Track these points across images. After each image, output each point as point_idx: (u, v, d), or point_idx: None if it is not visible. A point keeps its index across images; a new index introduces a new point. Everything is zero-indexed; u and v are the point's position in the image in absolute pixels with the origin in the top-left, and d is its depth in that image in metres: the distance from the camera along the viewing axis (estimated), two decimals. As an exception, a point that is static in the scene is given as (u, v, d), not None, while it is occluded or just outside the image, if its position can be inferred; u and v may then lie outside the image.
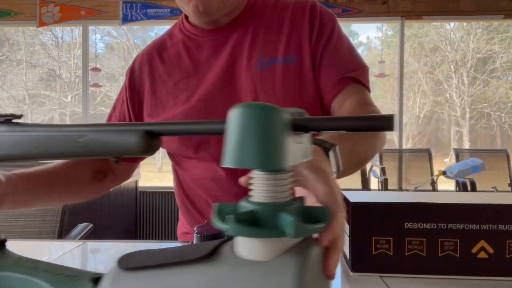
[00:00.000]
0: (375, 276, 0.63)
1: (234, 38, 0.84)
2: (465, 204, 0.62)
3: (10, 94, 6.06)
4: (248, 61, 0.81)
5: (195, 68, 0.85)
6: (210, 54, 0.85)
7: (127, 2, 3.98)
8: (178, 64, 0.87)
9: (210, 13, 0.80)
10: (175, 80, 0.86)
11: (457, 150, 4.02)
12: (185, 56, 0.87)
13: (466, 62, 6.22)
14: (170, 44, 0.91)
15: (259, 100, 0.79)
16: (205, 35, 0.86)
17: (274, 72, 0.80)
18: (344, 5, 3.93)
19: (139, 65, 0.92)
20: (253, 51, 0.82)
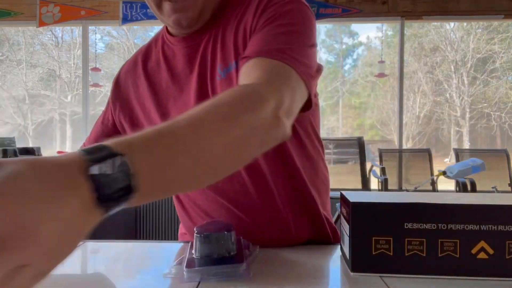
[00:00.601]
0: (375, 276, 0.63)
1: (202, 46, 0.78)
2: (465, 204, 0.62)
3: (10, 94, 6.06)
4: (211, 72, 0.77)
5: (173, 79, 0.82)
6: (184, 64, 0.80)
7: (127, 2, 3.98)
8: (158, 74, 0.84)
9: (193, 26, 0.77)
10: (156, 91, 0.84)
11: (457, 150, 4.02)
12: (164, 66, 0.83)
13: (466, 62, 6.22)
14: (154, 51, 0.87)
15: None
16: (178, 42, 0.81)
17: (231, 80, 0.74)
18: (344, 5, 3.93)
19: (125, 74, 0.90)
20: (215, 60, 0.76)
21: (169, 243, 0.91)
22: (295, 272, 0.66)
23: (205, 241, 0.65)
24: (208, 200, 0.83)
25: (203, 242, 0.65)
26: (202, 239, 0.66)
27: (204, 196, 0.83)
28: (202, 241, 0.66)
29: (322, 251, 0.79)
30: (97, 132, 0.95)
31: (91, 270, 0.73)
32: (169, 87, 0.82)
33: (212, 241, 0.65)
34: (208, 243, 0.65)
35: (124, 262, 0.77)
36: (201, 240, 0.66)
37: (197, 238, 0.66)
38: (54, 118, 6.35)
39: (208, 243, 0.65)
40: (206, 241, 0.65)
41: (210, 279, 0.62)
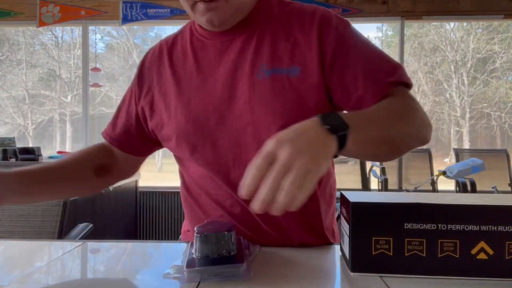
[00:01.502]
0: (375, 276, 0.63)
1: (239, 43, 0.82)
2: (465, 205, 0.62)
3: (10, 94, 6.06)
4: (250, 69, 0.79)
5: (199, 69, 0.84)
6: (214, 57, 0.84)
7: (127, 2, 3.98)
8: (184, 64, 0.87)
9: (224, 25, 0.80)
10: (179, 80, 0.86)
11: (457, 150, 4.02)
12: (191, 56, 0.86)
13: (466, 62, 6.22)
14: (180, 42, 0.90)
15: (255, 108, 0.78)
16: (211, 37, 0.85)
17: (275, 81, 0.78)
18: (344, 5, 3.93)
19: (150, 61, 0.92)
20: (256, 59, 0.80)
21: (169, 243, 0.91)
22: (295, 272, 0.66)
23: (205, 241, 0.65)
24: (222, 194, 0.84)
25: (203, 242, 0.65)
26: (202, 239, 0.66)
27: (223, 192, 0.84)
28: (202, 241, 0.66)
29: (322, 251, 0.79)
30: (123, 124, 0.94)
31: (91, 270, 0.73)
32: (192, 77, 0.84)
33: (212, 241, 0.65)
34: (208, 243, 0.65)
35: (124, 262, 0.77)
36: (201, 240, 0.66)
37: (197, 238, 0.66)
38: (54, 118, 6.35)
39: (208, 243, 0.65)
40: (206, 241, 0.65)
41: (210, 279, 0.62)
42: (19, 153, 2.61)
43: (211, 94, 0.82)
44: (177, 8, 3.99)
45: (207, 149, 0.82)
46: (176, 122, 0.84)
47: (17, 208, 1.46)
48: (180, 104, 0.84)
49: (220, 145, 0.81)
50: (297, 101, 0.77)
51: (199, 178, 0.87)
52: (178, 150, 0.87)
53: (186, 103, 0.84)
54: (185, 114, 0.83)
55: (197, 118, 0.82)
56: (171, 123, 0.85)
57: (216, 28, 0.81)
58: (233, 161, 0.81)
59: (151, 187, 4.19)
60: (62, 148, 6.07)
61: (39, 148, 2.82)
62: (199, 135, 0.82)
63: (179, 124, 0.83)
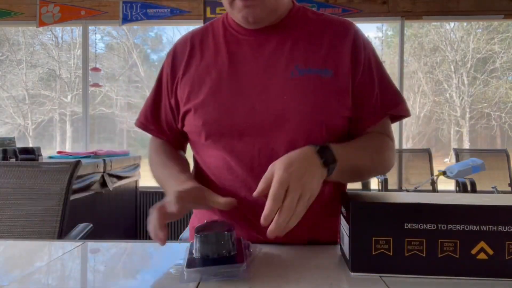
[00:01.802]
0: (375, 276, 0.63)
1: (274, 43, 0.87)
2: (465, 205, 0.62)
3: (10, 94, 6.06)
4: (284, 67, 0.85)
5: (230, 61, 0.88)
6: (248, 52, 0.88)
7: (127, 2, 3.98)
8: (215, 55, 0.90)
9: (258, 22, 0.86)
10: (209, 69, 0.89)
11: (457, 150, 4.02)
12: (223, 48, 0.90)
13: (466, 62, 6.22)
14: (211, 34, 0.94)
15: (286, 103, 0.83)
16: (246, 33, 0.90)
17: (308, 80, 0.83)
18: (344, 5, 3.93)
19: (180, 51, 0.95)
20: (291, 59, 0.85)
21: (169, 243, 0.91)
22: (295, 272, 0.66)
23: (205, 241, 0.65)
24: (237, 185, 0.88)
25: (203, 242, 0.65)
26: (202, 239, 0.66)
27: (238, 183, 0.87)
28: (202, 241, 0.66)
29: (322, 251, 0.79)
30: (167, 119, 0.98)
31: (91, 270, 0.73)
32: (224, 67, 0.88)
33: (212, 241, 0.65)
34: (208, 243, 0.65)
35: (124, 262, 0.77)
36: (201, 240, 0.66)
37: (197, 238, 0.66)
38: (54, 118, 6.34)
39: (208, 243, 0.65)
40: (206, 241, 0.65)
41: (210, 279, 0.62)
42: (19, 153, 2.61)
43: (242, 86, 0.86)
44: (177, 8, 3.99)
45: (234, 138, 0.85)
46: (205, 108, 0.87)
47: (17, 208, 1.46)
48: (210, 92, 0.87)
49: (248, 134, 0.85)
50: (326, 100, 0.83)
51: (215, 168, 0.90)
52: (202, 137, 0.89)
53: (216, 91, 0.87)
54: (214, 102, 0.86)
55: (226, 107, 0.85)
56: (199, 109, 0.88)
57: (251, 25, 0.87)
58: (259, 151, 0.84)
59: (151, 187, 4.19)
60: (62, 148, 6.07)
61: (39, 148, 2.82)
62: (228, 123, 0.85)
63: (208, 110, 0.86)
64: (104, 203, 3.17)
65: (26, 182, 1.49)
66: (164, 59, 0.99)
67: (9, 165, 1.57)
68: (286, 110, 0.83)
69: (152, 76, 6.47)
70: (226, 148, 0.87)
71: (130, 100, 6.15)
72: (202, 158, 0.94)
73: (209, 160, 0.91)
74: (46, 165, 1.53)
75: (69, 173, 1.47)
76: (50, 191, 1.46)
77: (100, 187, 2.98)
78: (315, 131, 0.84)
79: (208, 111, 0.86)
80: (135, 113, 6.22)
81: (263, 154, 0.84)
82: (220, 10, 3.96)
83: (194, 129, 0.90)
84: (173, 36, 5.95)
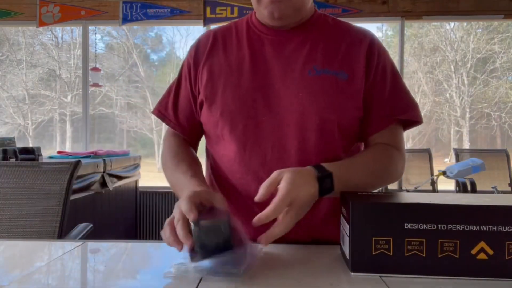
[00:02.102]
0: (375, 276, 0.63)
1: (294, 43, 0.92)
2: (465, 205, 0.62)
3: (10, 94, 6.06)
4: (303, 65, 0.89)
5: (252, 57, 0.92)
6: (269, 50, 0.92)
7: (127, 2, 3.98)
8: (237, 51, 0.94)
9: (283, 19, 0.90)
10: (231, 63, 0.93)
11: (457, 150, 4.02)
12: (246, 45, 0.94)
13: (466, 62, 6.22)
14: (234, 31, 0.98)
15: (302, 99, 0.86)
16: (269, 33, 0.94)
17: (324, 80, 0.87)
18: (344, 5, 3.93)
19: (203, 43, 0.99)
20: (309, 59, 0.89)
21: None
22: (295, 272, 0.66)
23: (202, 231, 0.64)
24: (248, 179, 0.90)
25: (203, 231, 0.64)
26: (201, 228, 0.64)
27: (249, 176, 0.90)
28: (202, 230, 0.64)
29: (322, 251, 0.79)
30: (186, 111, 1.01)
31: (91, 270, 0.73)
32: (245, 63, 0.92)
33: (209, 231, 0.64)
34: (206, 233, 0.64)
35: (124, 262, 0.77)
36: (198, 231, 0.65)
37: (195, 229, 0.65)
38: (54, 118, 6.35)
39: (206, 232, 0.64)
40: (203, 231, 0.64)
41: (210, 278, 0.62)
42: (19, 153, 2.61)
43: (261, 81, 0.89)
44: (177, 8, 3.99)
45: (249, 130, 0.88)
46: (223, 98, 0.90)
47: (17, 208, 1.46)
48: (229, 84, 0.90)
49: (263, 128, 0.88)
50: (341, 100, 0.87)
51: (228, 161, 0.92)
52: (218, 127, 0.92)
53: (236, 84, 0.90)
54: (233, 93, 0.89)
55: (244, 99, 0.89)
56: (218, 99, 0.91)
57: (275, 21, 0.90)
58: (272, 145, 0.87)
59: (151, 187, 4.19)
60: (62, 148, 6.07)
61: (39, 148, 2.82)
62: (244, 115, 0.88)
63: (226, 101, 0.90)
64: (104, 203, 3.17)
65: (26, 182, 1.49)
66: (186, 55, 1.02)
67: (9, 165, 1.57)
68: (301, 107, 0.86)
69: (152, 76, 6.47)
70: (240, 140, 0.89)
71: (130, 100, 6.15)
72: (215, 150, 0.96)
73: (222, 152, 0.94)
74: (46, 165, 1.53)
75: (69, 173, 1.47)
76: (50, 191, 1.46)
77: (100, 187, 2.98)
78: (328, 129, 0.87)
79: (227, 103, 0.89)
80: (135, 113, 6.22)
81: (276, 149, 0.87)
82: (220, 10, 3.97)
83: (210, 119, 0.93)
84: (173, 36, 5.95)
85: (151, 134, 6.44)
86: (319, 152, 0.88)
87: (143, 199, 4.06)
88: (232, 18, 3.96)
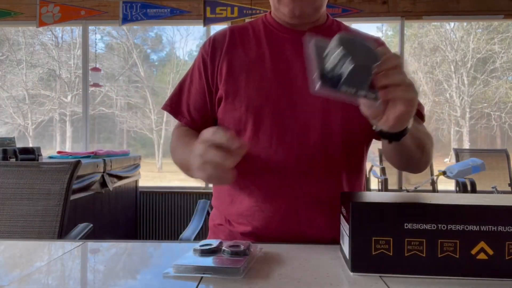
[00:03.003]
0: (375, 276, 0.63)
1: None
2: (465, 205, 0.62)
3: (10, 94, 6.06)
4: None
5: (272, 55, 0.93)
6: (289, 48, 0.93)
7: (127, 2, 3.98)
8: (257, 47, 0.95)
9: (303, 17, 0.92)
10: (251, 59, 0.93)
11: (457, 150, 4.02)
12: (265, 42, 0.95)
13: (466, 62, 6.22)
14: (251, 30, 0.98)
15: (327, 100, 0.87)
16: (286, 32, 0.95)
17: None
18: (344, 5, 3.93)
19: (220, 40, 0.98)
20: None
21: (169, 243, 0.91)
22: (295, 272, 0.66)
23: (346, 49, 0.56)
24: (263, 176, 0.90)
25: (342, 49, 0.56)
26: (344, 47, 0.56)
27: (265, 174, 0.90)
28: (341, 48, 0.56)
29: (322, 251, 0.79)
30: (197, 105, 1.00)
31: (91, 270, 0.73)
32: (266, 59, 0.92)
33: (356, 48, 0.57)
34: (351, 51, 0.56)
35: (124, 262, 0.77)
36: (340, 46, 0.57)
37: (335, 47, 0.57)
38: (54, 118, 6.35)
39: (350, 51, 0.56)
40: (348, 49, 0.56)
41: (210, 278, 0.62)
42: (19, 153, 2.61)
43: (283, 78, 0.90)
44: (177, 8, 3.99)
45: (275, 126, 0.89)
46: (247, 93, 0.90)
47: (17, 208, 1.46)
48: (252, 79, 0.91)
49: (288, 124, 0.88)
50: None
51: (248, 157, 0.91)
52: (241, 121, 0.91)
53: (258, 80, 0.90)
54: (257, 88, 0.90)
55: (269, 95, 0.89)
56: (242, 93, 0.91)
57: (295, 19, 0.92)
58: (297, 139, 0.88)
59: (151, 187, 4.19)
60: (62, 148, 6.07)
61: (39, 148, 2.82)
62: (270, 110, 0.89)
63: (250, 97, 0.90)
64: (104, 203, 3.17)
65: (26, 182, 1.49)
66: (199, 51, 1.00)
67: (9, 165, 1.57)
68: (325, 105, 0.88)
69: (152, 76, 6.47)
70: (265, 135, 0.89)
71: (130, 100, 6.15)
72: None
73: None
74: (46, 165, 1.53)
75: (69, 173, 1.47)
76: (50, 191, 1.46)
77: (100, 187, 2.98)
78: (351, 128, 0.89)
79: (252, 97, 0.90)
80: (135, 113, 6.22)
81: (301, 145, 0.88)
82: (220, 10, 3.97)
83: (233, 114, 0.92)
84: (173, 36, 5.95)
85: (151, 134, 6.44)
86: (344, 149, 0.90)
87: (143, 199, 4.06)
88: (232, 18, 3.96)
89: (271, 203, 0.89)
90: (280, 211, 0.89)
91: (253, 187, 0.91)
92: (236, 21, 3.92)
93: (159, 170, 6.66)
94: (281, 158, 0.89)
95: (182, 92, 1.01)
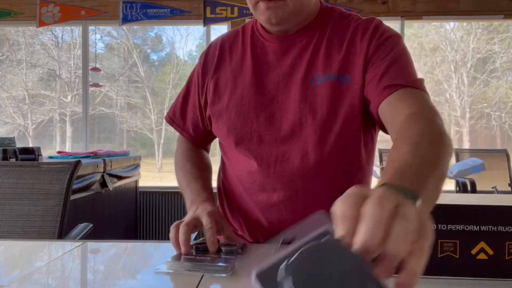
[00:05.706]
0: (375, 277, 0.63)
1: (297, 50, 0.89)
2: (465, 205, 0.62)
3: (10, 94, 6.06)
4: (305, 75, 0.87)
5: (255, 68, 0.91)
6: (271, 59, 0.91)
7: (127, 2, 3.98)
8: (241, 61, 0.94)
9: (282, 24, 0.87)
10: (235, 75, 0.93)
11: (457, 150, 4.02)
12: (249, 55, 0.93)
13: (466, 62, 6.21)
14: (241, 39, 0.97)
15: (305, 111, 0.85)
16: (271, 40, 0.92)
17: (326, 88, 0.85)
18: (344, 5, 3.93)
19: (211, 54, 0.98)
20: (311, 67, 0.87)
21: (169, 243, 0.91)
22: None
23: None
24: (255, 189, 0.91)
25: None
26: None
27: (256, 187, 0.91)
28: None
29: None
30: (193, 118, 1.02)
31: (91, 270, 0.73)
32: (248, 74, 0.91)
33: None
34: None
35: (124, 262, 0.77)
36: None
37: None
38: (54, 118, 6.34)
39: None
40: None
41: (210, 278, 0.62)
42: (19, 153, 2.61)
43: (265, 93, 0.89)
44: (177, 8, 3.99)
45: (253, 143, 0.89)
46: (227, 114, 0.91)
47: (17, 208, 1.46)
48: (234, 97, 0.91)
49: (266, 141, 0.88)
50: (345, 106, 0.84)
51: (238, 170, 0.94)
52: (227, 140, 0.93)
53: (239, 97, 0.90)
54: (237, 108, 0.90)
55: (247, 113, 0.89)
56: (223, 114, 0.92)
57: (274, 27, 0.88)
58: (275, 157, 0.87)
59: (151, 187, 4.19)
60: (62, 148, 6.07)
61: (39, 148, 2.82)
62: (248, 129, 0.89)
63: (230, 116, 0.90)
64: (104, 203, 3.17)
65: (26, 182, 1.49)
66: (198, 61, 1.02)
67: (9, 165, 1.57)
68: (304, 119, 0.85)
69: (152, 76, 6.47)
70: (245, 154, 0.90)
71: (130, 100, 6.15)
72: (228, 158, 0.98)
73: (233, 161, 0.96)
74: (46, 165, 1.53)
75: (69, 173, 1.47)
76: (50, 191, 1.46)
77: (100, 187, 2.98)
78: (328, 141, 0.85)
79: (231, 118, 0.90)
80: (135, 113, 6.22)
81: (279, 160, 0.87)
82: (220, 10, 3.96)
83: (219, 134, 0.95)
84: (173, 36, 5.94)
85: (151, 134, 6.44)
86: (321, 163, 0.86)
87: (143, 199, 4.06)
88: (232, 18, 3.96)
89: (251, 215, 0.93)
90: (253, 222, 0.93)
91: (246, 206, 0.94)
92: (236, 21, 3.92)
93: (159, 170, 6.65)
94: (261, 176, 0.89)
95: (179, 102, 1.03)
